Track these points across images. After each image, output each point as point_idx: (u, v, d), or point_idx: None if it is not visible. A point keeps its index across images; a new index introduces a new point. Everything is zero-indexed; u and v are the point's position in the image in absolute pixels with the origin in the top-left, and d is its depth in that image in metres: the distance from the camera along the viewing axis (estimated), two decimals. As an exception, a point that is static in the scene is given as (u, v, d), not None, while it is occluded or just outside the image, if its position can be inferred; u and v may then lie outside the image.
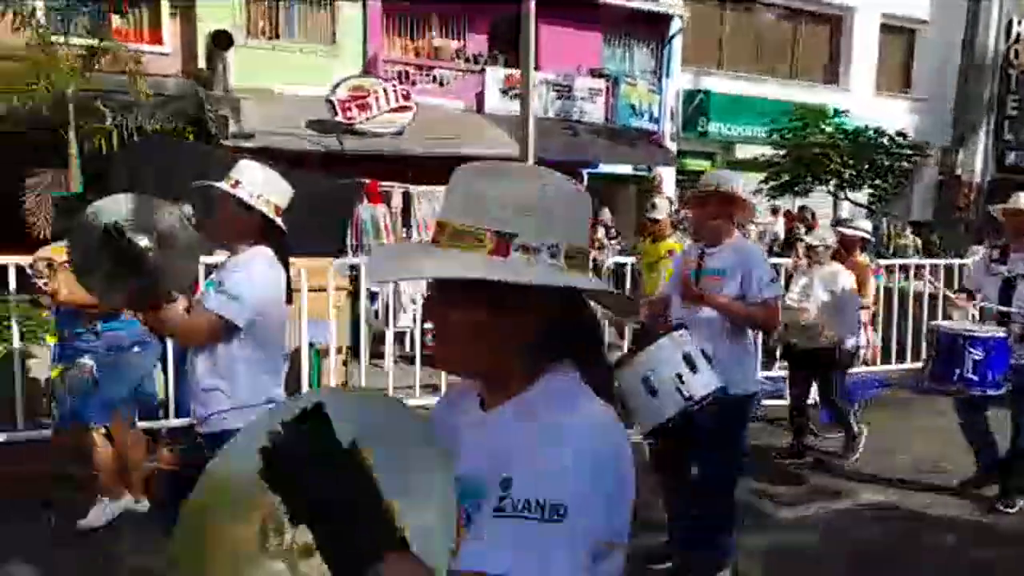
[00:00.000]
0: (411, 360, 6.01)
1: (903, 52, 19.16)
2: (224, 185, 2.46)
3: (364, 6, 13.26)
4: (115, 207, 2.41)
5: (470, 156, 7.28)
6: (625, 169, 15.65)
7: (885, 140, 10.55)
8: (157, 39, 12.45)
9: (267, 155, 7.86)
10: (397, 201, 7.26)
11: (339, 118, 10.43)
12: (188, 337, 2.49)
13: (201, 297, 2.51)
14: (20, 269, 4.16)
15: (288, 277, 2.61)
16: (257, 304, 2.44)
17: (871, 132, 10.84)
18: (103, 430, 3.74)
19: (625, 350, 5.19)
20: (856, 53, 18.10)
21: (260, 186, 2.49)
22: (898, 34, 18.86)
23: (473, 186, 1.00)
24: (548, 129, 13.66)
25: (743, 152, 16.40)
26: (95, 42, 7.04)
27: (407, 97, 11.10)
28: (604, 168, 15.09)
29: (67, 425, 3.85)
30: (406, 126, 10.79)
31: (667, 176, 15.95)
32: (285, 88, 12.18)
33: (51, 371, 4.18)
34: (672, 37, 15.72)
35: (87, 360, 3.65)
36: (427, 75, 13.64)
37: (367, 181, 7.23)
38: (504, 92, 13.83)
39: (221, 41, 11.22)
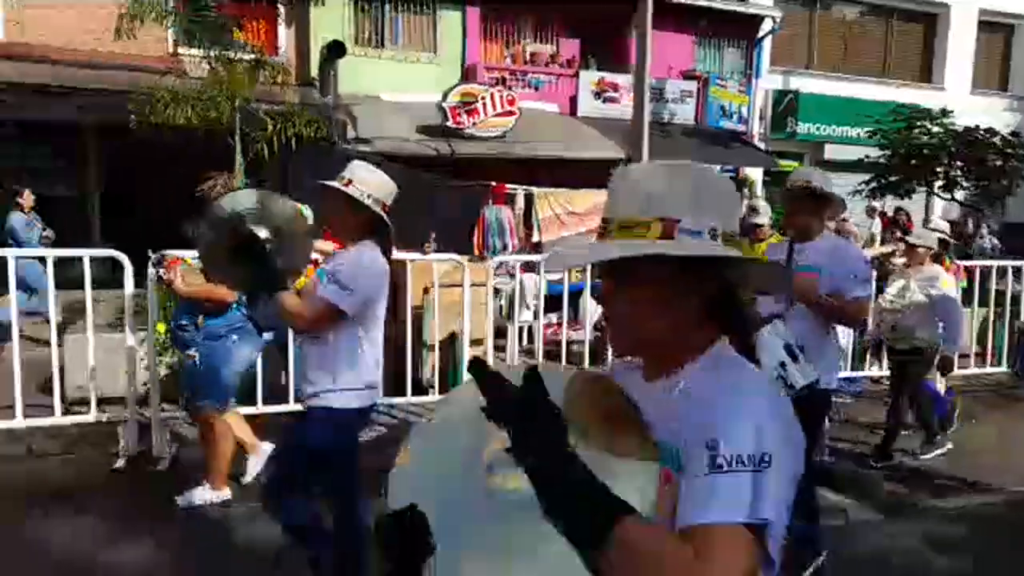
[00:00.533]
0: (531, 353, 6.39)
1: (1001, 49, 18.64)
2: (337, 184, 2.63)
3: (463, 14, 13.76)
4: (240, 201, 2.61)
5: (571, 159, 7.91)
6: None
7: (997, 140, 10.43)
8: (273, 48, 13.22)
9: (384, 159, 8.40)
10: (520, 203, 7.66)
11: (449, 123, 10.93)
12: (302, 323, 2.62)
13: (312, 286, 2.68)
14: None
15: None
16: (366, 295, 2.61)
17: (982, 132, 10.74)
18: (212, 415, 4.01)
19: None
20: (951, 51, 17.71)
21: (369, 185, 2.64)
22: (996, 31, 18.36)
23: (636, 183, 1.11)
24: (640, 131, 13.92)
25: (833, 153, 16.28)
26: (256, 56, 7.66)
27: (512, 102, 11.54)
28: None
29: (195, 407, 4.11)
30: (509, 130, 11.22)
31: (755, 177, 15.99)
32: (389, 95, 12.78)
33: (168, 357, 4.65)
34: (762, 38, 15.74)
35: (192, 351, 3.95)
36: (520, 80, 14.05)
37: (493, 184, 7.66)
38: (597, 95, 14.14)
39: (335, 51, 11.86)
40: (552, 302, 6.70)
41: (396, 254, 5.26)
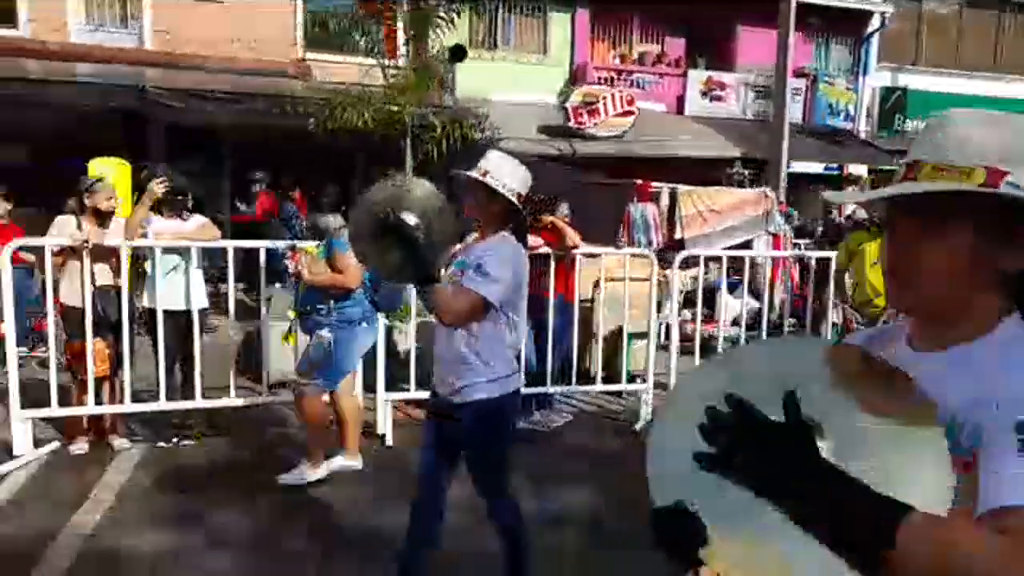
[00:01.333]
0: (665, 349, 6.46)
1: None
2: (475, 174, 2.66)
3: (573, 16, 14.01)
4: (390, 190, 2.65)
5: (688, 157, 8.09)
6: (815, 168, 15.60)
7: None
8: (392, 52, 13.73)
9: (536, 159, 8.69)
10: (664, 200, 7.86)
11: (571, 123, 11.19)
12: (451, 314, 2.59)
13: (452, 277, 2.69)
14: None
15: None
16: (511, 284, 2.64)
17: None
18: (327, 396, 4.19)
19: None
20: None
21: (506, 175, 2.67)
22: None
23: (957, 128, 1.02)
24: (746, 128, 13.92)
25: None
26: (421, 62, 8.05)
27: (631, 102, 11.73)
28: (796, 167, 15.12)
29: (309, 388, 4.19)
30: (628, 130, 11.41)
31: (860, 174, 15.76)
32: (500, 96, 13.11)
33: (289, 340, 4.87)
34: (871, 34, 15.50)
35: (326, 333, 4.07)
36: (627, 79, 14.21)
37: (638, 182, 7.88)
38: (704, 94, 14.19)
39: (457, 54, 12.25)
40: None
41: (584, 247, 5.55)
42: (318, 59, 12.96)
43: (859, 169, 15.71)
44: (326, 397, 4.26)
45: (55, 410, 4.43)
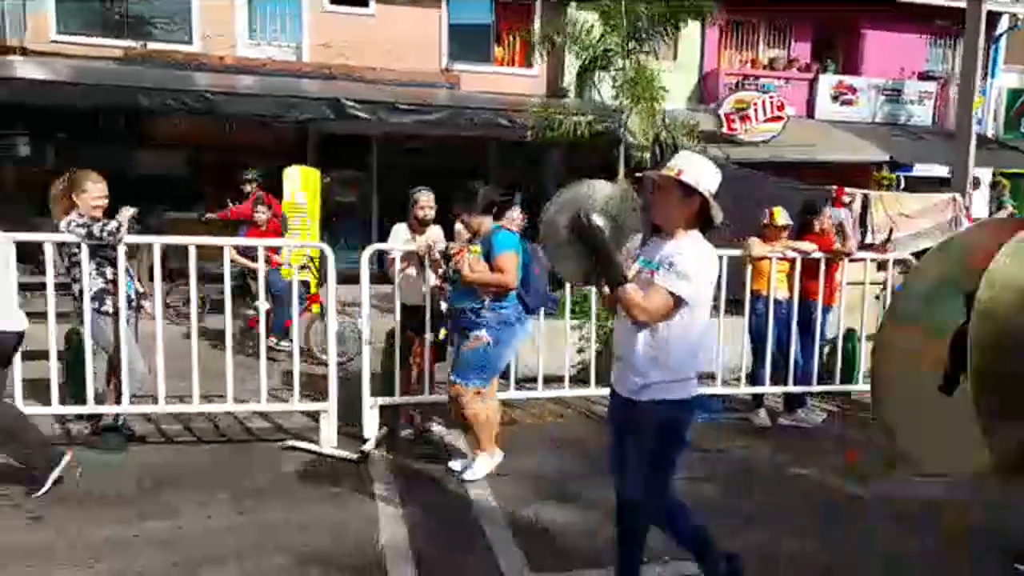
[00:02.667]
0: None
1: None
2: (670, 172, 2.64)
3: (703, 24, 14.22)
4: (582, 192, 2.69)
5: (835, 162, 8.24)
6: (941, 171, 15.50)
7: None
8: (527, 62, 14.17)
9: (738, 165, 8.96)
10: (856, 205, 8.06)
11: (724, 130, 11.43)
12: (645, 315, 2.57)
13: (638, 275, 2.69)
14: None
15: None
16: (704, 283, 2.62)
17: None
18: (482, 392, 4.20)
19: None
20: None
21: (701, 173, 2.64)
22: None
23: None
24: (879, 132, 13.96)
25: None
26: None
27: (781, 108, 11.91)
28: (920, 170, 15.07)
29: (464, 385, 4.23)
30: (776, 135, 11.61)
31: (983, 177, 15.59)
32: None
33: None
34: (1000, 36, 15.36)
35: (484, 333, 4.07)
36: (754, 84, 14.36)
37: (835, 187, 8.10)
38: (834, 98, 14.26)
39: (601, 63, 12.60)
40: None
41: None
42: (464, 69, 13.47)
43: (983, 172, 15.58)
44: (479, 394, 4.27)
45: (397, 398, 4.91)
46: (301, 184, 9.62)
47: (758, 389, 5.55)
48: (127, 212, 4.32)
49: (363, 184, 13.46)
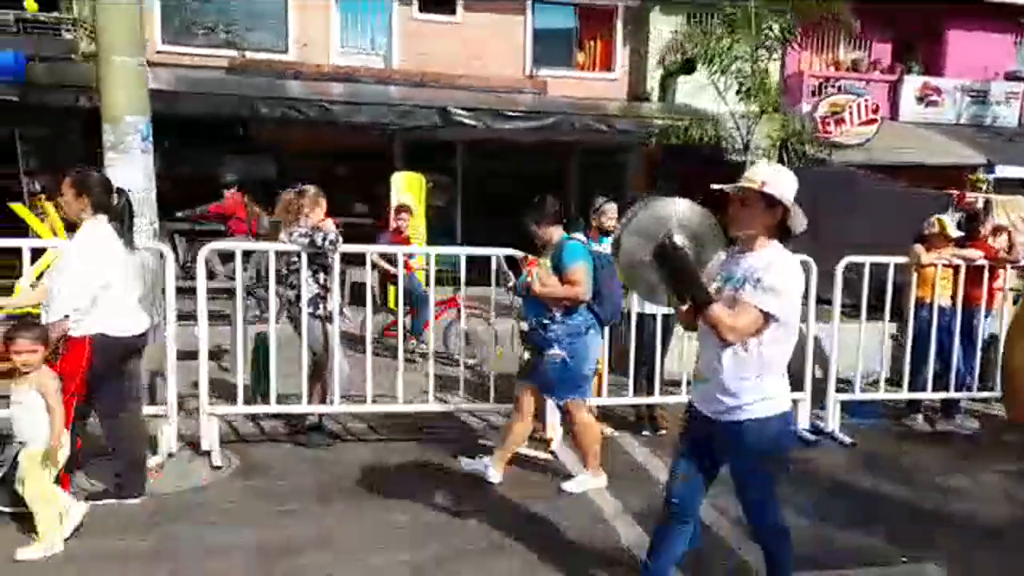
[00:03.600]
0: None
1: None
2: (753, 185, 2.56)
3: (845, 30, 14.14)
4: (662, 212, 2.65)
5: (933, 165, 8.17)
6: (1019, 172, 15.30)
7: None
8: (608, 66, 14.31)
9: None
10: (979, 207, 8.06)
11: (819, 132, 11.45)
12: (734, 334, 2.52)
13: (723, 293, 2.62)
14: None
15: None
16: (793, 297, 2.55)
17: None
18: (584, 406, 4.15)
19: None
20: None
21: (783, 185, 2.59)
22: None
23: None
24: (957, 133, 13.80)
25: None
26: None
27: (876, 111, 11.89)
28: (1002, 172, 14.89)
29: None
30: (871, 138, 11.60)
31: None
32: (710, 107, 13.47)
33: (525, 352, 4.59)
34: (1088, 34, 15.12)
35: (558, 350, 3.96)
36: (835, 86, 14.31)
37: (957, 192, 8.11)
38: (920, 99, 14.16)
39: (687, 67, 12.69)
40: None
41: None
42: (548, 74, 13.65)
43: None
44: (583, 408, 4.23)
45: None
46: (404, 188, 9.90)
47: (921, 395, 5.62)
48: (332, 225, 4.58)
49: (451, 188, 13.71)
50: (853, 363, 5.46)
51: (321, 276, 4.60)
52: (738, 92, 8.54)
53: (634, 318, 5.08)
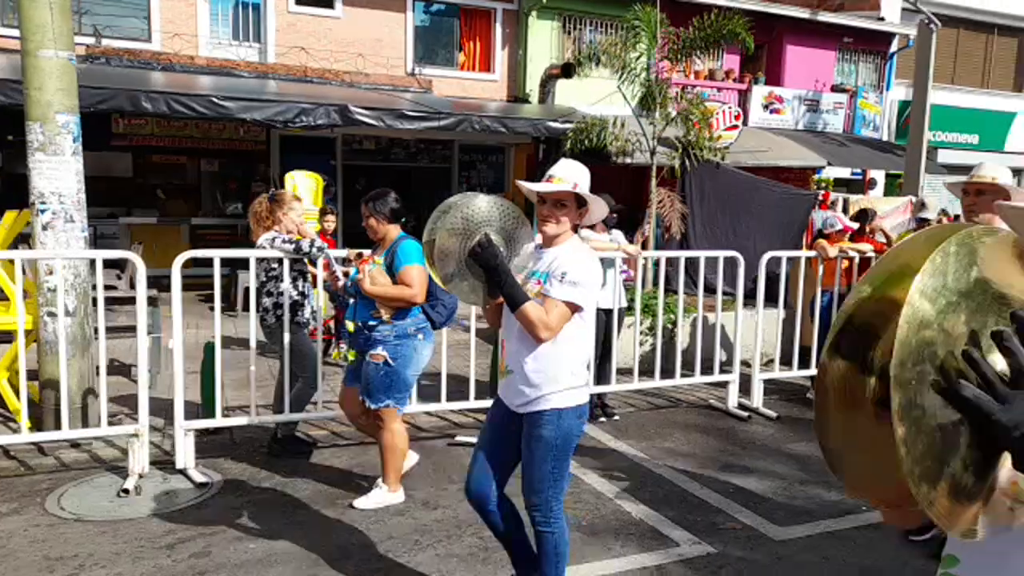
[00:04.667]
0: None
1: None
2: (566, 186, 2.63)
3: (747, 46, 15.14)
4: (470, 211, 2.65)
5: (783, 167, 10.00)
6: (842, 172, 17.43)
7: None
8: (488, 67, 14.56)
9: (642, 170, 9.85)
10: (839, 207, 9.16)
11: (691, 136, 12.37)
12: (548, 329, 2.56)
13: (529, 286, 2.65)
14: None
15: None
16: (594, 288, 2.64)
17: None
18: (397, 415, 3.89)
19: None
20: (1042, 63, 19.61)
21: (584, 181, 2.68)
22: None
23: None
24: (804, 139, 15.49)
25: (944, 157, 18.02)
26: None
27: (738, 117, 13.02)
28: (840, 172, 16.85)
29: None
30: (734, 142, 12.70)
31: (879, 178, 17.68)
32: (585, 108, 14.17)
33: (348, 354, 4.31)
34: (894, 54, 17.43)
35: (382, 351, 3.78)
36: (690, 93, 15.50)
37: (822, 192, 9.15)
38: (765, 107, 15.68)
39: (567, 71, 13.24)
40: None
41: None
42: (432, 74, 13.66)
43: (879, 174, 17.65)
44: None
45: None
46: (304, 188, 9.63)
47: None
48: (312, 231, 4.49)
49: (331, 186, 13.38)
50: (752, 346, 6.16)
51: (301, 283, 4.49)
52: (642, 99, 9.07)
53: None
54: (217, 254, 4.27)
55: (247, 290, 6.05)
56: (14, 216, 5.13)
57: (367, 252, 4.03)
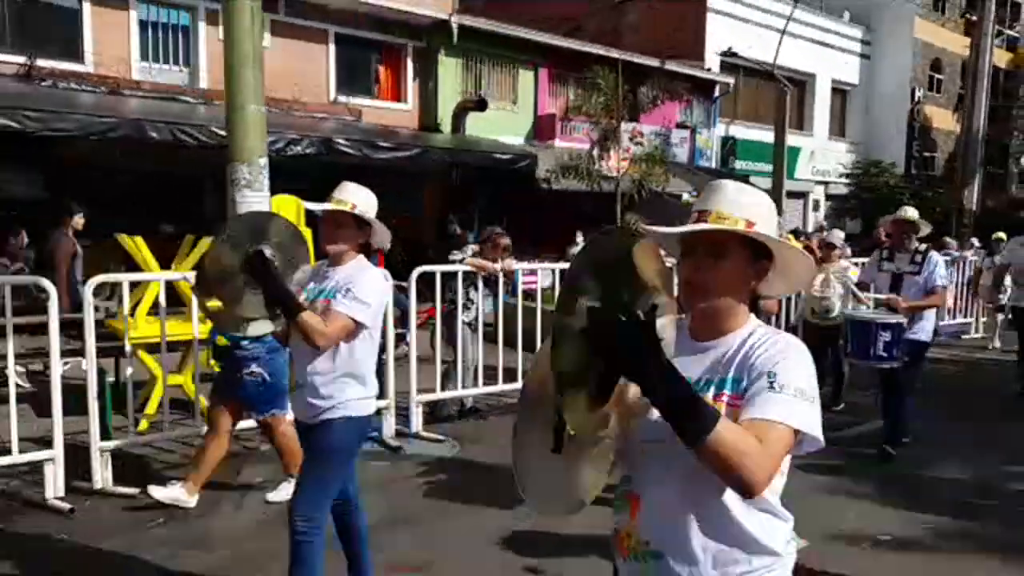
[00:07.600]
0: None
1: (840, 107, 25.97)
2: (344, 207, 2.76)
3: (536, 73, 17.20)
4: (247, 224, 2.76)
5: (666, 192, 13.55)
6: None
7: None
8: (399, 97, 15.60)
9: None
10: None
11: (597, 166, 14.39)
12: (324, 340, 2.64)
13: (315, 304, 2.75)
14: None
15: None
16: (379, 307, 2.78)
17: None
18: (284, 419, 4.18)
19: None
20: (816, 108, 24.57)
21: (369, 204, 2.80)
22: (838, 94, 25.63)
23: (729, 195, 1.52)
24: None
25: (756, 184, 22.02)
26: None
27: (628, 150, 15.31)
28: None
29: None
30: (624, 171, 14.98)
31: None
32: (487, 139, 15.76)
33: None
34: (718, 97, 21.06)
35: (257, 368, 4.00)
36: (566, 127, 17.75)
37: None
38: (631, 139, 18.28)
39: (479, 105, 14.79)
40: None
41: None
42: (355, 103, 14.38)
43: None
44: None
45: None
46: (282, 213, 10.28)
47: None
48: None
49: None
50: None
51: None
52: (603, 142, 10.88)
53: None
54: (126, 277, 4.78)
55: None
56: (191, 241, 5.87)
57: None
